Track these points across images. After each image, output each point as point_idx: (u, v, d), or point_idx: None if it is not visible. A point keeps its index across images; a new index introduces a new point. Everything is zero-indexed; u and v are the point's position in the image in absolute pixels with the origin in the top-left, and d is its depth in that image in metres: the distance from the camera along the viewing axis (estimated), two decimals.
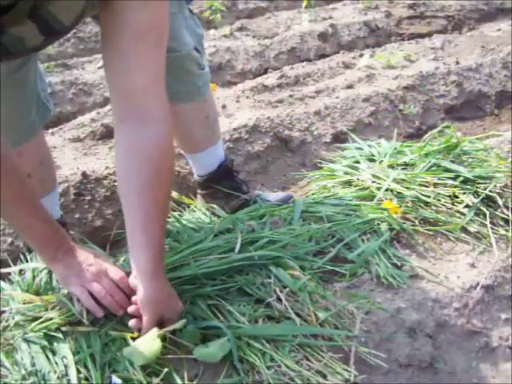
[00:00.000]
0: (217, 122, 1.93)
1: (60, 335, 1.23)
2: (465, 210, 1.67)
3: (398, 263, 1.48)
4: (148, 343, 1.16)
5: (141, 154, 1.17)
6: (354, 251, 1.49)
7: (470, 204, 1.68)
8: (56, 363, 1.18)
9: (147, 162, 1.17)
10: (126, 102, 1.18)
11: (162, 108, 1.19)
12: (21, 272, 1.55)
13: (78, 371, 1.16)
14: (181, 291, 1.29)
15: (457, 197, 1.72)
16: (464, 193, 1.72)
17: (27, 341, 1.23)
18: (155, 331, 1.18)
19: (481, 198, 1.70)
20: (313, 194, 1.83)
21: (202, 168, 1.95)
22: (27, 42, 0.98)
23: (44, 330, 1.24)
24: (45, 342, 1.22)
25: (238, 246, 1.42)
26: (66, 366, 1.17)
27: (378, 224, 1.58)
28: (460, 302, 1.41)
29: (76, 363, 1.17)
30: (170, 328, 1.20)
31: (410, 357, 1.29)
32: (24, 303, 1.31)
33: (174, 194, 2.01)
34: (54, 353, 1.20)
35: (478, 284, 1.46)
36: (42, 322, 1.25)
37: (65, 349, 1.19)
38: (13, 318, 1.29)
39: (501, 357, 1.38)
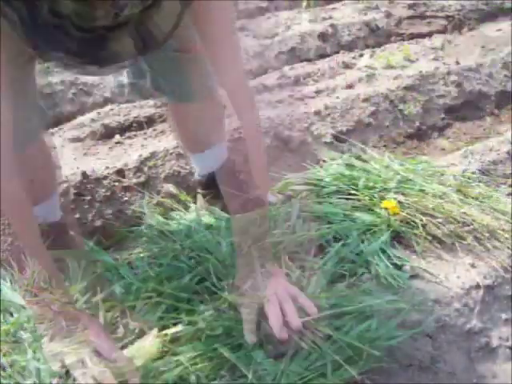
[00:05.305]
0: (221, 122, 1.92)
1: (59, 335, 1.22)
2: None
3: (398, 263, 1.48)
4: (148, 343, 1.16)
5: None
6: (354, 251, 1.49)
7: None
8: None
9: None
10: None
11: None
12: (21, 271, 1.55)
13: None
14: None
15: None
16: None
17: (26, 341, 1.23)
18: (155, 332, 1.18)
19: None
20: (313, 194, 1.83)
21: (204, 168, 1.94)
22: (124, 55, 0.98)
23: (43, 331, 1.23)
24: (44, 343, 1.21)
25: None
26: (65, 367, 1.16)
27: (378, 224, 1.58)
28: (460, 302, 1.41)
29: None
30: (171, 331, 1.20)
31: (410, 357, 1.29)
32: (24, 303, 1.31)
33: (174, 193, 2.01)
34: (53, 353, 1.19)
35: (477, 284, 1.46)
36: (41, 323, 1.24)
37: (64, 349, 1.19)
38: (12, 318, 1.29)
39: (501, 357, 1.38)
